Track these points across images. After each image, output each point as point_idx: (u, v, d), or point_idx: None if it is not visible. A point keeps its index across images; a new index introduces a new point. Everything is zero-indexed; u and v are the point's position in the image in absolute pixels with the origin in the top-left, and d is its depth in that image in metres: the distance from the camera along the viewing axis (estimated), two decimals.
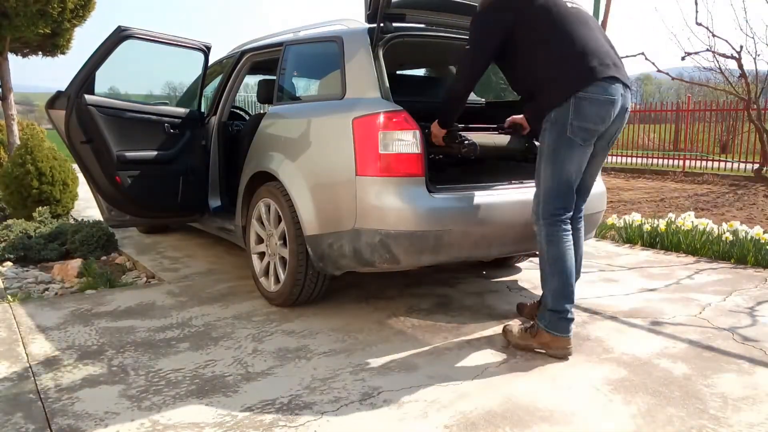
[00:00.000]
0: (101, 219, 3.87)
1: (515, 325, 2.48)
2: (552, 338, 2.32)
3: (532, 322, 2.43)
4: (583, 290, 3.30)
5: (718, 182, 9.27)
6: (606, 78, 2.24)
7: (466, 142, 2.65)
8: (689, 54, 6.20)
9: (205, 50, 3.84)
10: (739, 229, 4.19)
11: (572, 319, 2.33)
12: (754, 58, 7.19)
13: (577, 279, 2.64)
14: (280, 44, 3.39)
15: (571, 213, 2.39)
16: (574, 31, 2.31)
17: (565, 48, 2.30)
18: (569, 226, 2.36)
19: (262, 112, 3.74)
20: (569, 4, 2.40)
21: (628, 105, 2.37)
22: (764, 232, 4.06)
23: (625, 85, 2.33)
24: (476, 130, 2.95)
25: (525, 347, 2.40)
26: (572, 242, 2.37)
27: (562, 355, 2.33)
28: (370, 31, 2.75)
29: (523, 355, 2.39)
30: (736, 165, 10.67)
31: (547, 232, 2.33)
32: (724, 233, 4.18)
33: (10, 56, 6.87)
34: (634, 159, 12.59)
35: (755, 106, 7.18)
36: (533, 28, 2.34)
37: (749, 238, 4.05)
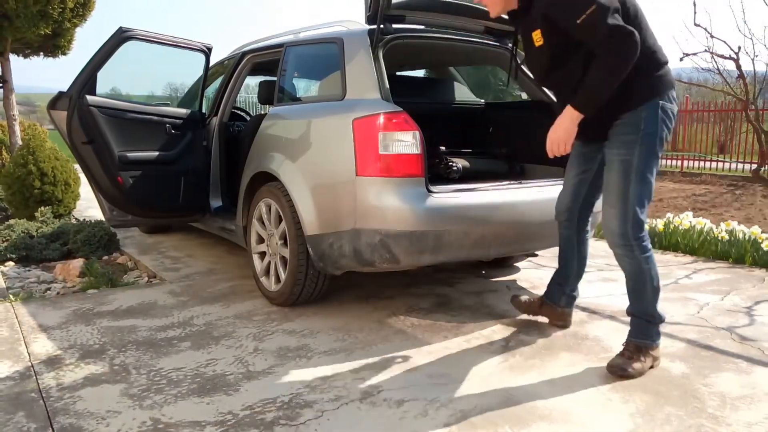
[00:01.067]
0: (103, 219, 3.89)
1: (619, 361, 2.20)
2: (657, 348, 2.26)
3: (635, 345, 2.23)
4: (582, 290, 3.30)
5: (717, 182, 9.28)
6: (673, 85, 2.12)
7: (453, 167, 2.78)
8: (687, 55, 6.21)
9: (206, 51, 3.85)
10: (736, 229, 4.20)
11: None
12: (752, 59, 7.19)
13: (579, 280, 2.65)
14: (280, 45, 3.41)
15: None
16: (648, 24, 2.08)
17: (651, 41, 2.09)
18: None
19: (262, 112, 3.75)
20: None
21: None
22: (762, 232, 4.07)
23: None
24: (462, 155, 3.06)
25: (647, 368, 2.21)
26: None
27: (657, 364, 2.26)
28: (370, 32, 2.77)
29: (523, 355, 2.40)
30: (734, 165, 10.68)
31: (642, 251, 2.15)
32: (720, 233, 4.19)
33: (12, 57, 6.89)
34: None
35: (753, 107, 7.18)
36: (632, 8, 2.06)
37: (747, 237, 4.06)
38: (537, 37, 2.09)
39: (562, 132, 2.10)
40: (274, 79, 3.38)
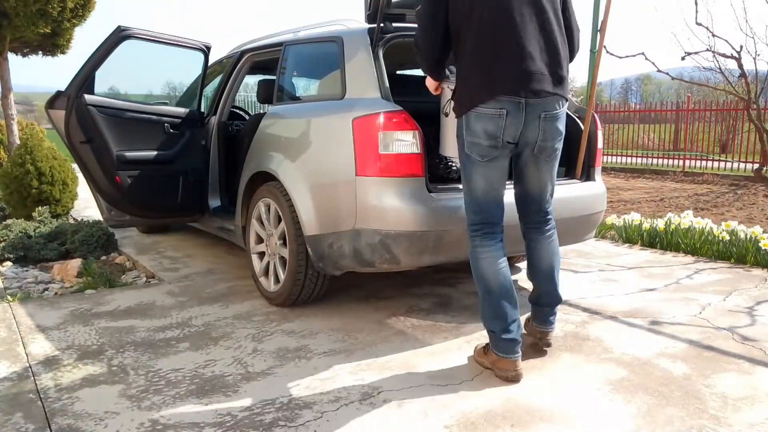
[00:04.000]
0: (101, 219, 3.88)
1: (483, 343, 2.34)
2: (497, 359, 2.15)
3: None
4: (583, 290, 3.31)
5: (718, 182, 9.28)
6: (508, 93, 2.02)
7: (453, 167, 2.77)
8: (689, 54, 6.19)
9: (205, 50, 3.84)
10: (737, 229, 4.19)
11: (515, 340, 2.13)
12: (754, 58, 7.15)
13: (551, 290, 2.37)
14: (279, 44, 3.39)
15: (498, 226, 2.19)
16: (495, 21, 2.03)
17: (475, 48, 2.05)
18: (494, 240, 2.17)
19: (262, 112, 3.74)
20: None
21: (549, 110, 2.10)
22: (763, 232, 4.06)
23: (542, 93, 2.06)
24: None
25: (482, 364, 2.25)
26: (499, 257, 2.15)
27: (510, 378, 2.12)
28: (370, 31, 2.76)
29: (523, 356, 2.38)
30: (735, 165, 10.68)
31: (471, 247, 2.20)
32: (721, 233, 4.18)
33: (10, 56, 6.87)
34: (633, 159, 12.60)
35: (755, 106, 7.17)
36: (456, 9, 2.08)
37: (748, 237, 4.05)
38: None
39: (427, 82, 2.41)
40: (274, 78, 3.37)
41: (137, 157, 3.49)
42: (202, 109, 3.91)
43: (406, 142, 2.46)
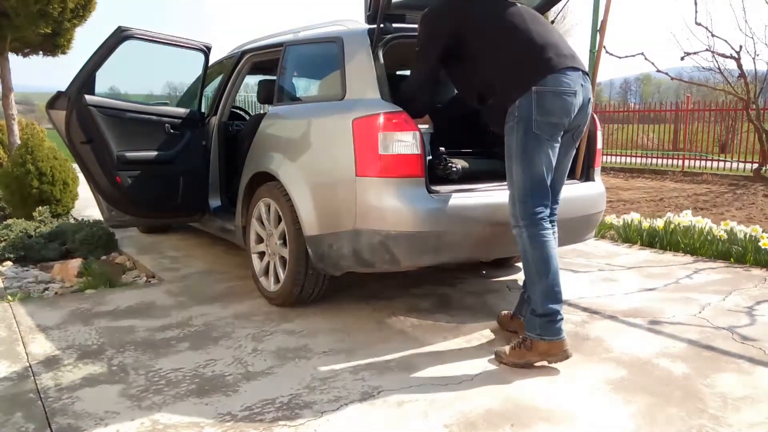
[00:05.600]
0: (101, 219, 3.88)
1: (505, 347, 2.34)
2: (549, 345, 2.21)
3: (521, 336, 2.30)
4: (583, 290, 3.31)
5: (718, 182, 9.28)
6: (564, 69, 2.21)
7: (452, 168, 2.77)
8: (689, 54, 6.20)
9: (206, 50, 3.84)
10: (735, 229, 4.19)
11: (562, 320, 2.24)
12: (753, 58, 7.17)
13: None
14: (280, 44, 3.40)
15: (549, 212, 2.31)
16: (524, 27, 2.28)
17: (517, 43, 2.26)
18: (549, 224, 2.28)
19: (262, 112, 3.74)
20: (518, 4, 2.38)
21: (590, 96, 2.34)
22: (762, 231, 4.06)
23: (585, 75, 2.30)
24: (463, 155, 3.04)
25: (524, 364, 2.25)
26: (553, 240, 2.29)
27: (564, 359, 2.24)
28: (370, 31, 2.76)
29: None
30: (735, 165, 10.68)
31: (529, 234, 2.24)
32: (719, 232, 4.18)
33: (11, 56, 6.87)
34: (633, 159, 12.61)
35: (754, 106, 7.18)
36: (480, 30, 2.31)
37: (747, 237, 4.05)
38: None
39: None
40: (274, 78, 3.37)
41: (138, 157, 3.49)
42: (203, 110, 3.91)
43: (406, 142, 2.47)
